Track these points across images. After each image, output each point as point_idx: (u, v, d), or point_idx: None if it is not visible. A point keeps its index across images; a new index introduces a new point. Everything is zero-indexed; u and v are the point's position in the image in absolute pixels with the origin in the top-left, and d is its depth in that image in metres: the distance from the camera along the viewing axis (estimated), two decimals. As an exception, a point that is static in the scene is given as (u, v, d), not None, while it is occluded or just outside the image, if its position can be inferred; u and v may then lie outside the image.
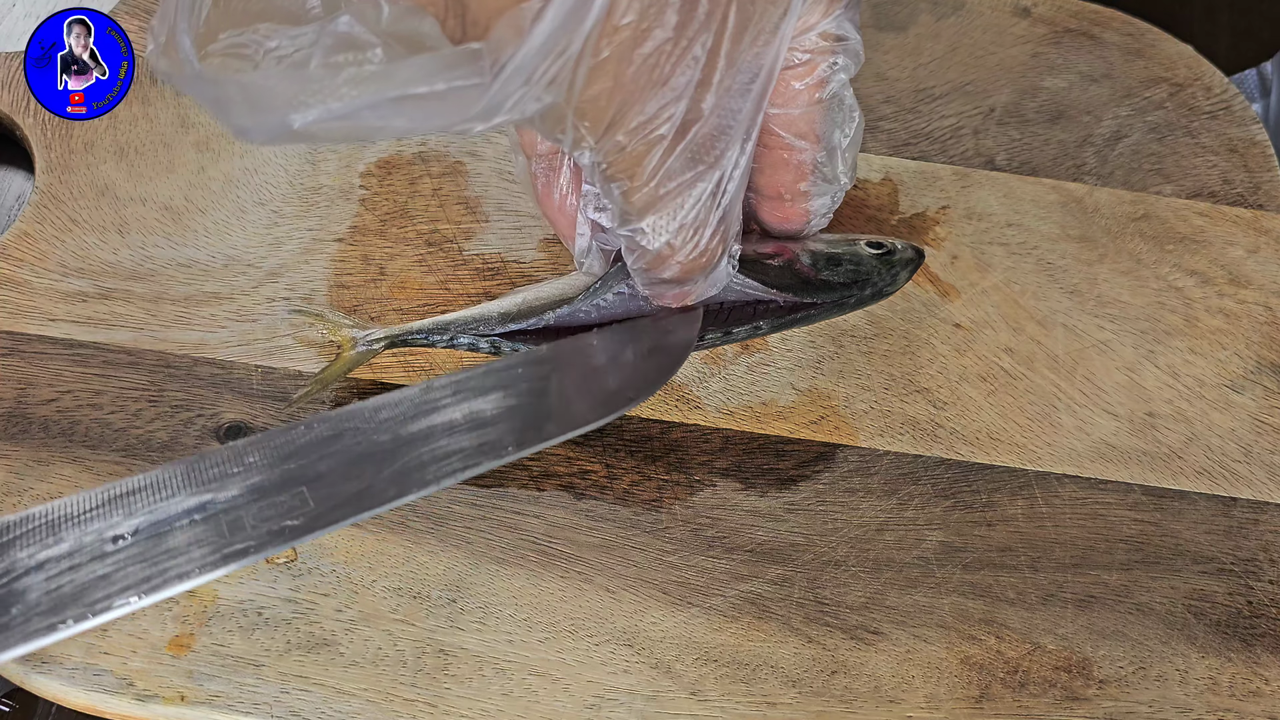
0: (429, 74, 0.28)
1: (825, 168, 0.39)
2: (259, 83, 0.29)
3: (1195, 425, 0.45)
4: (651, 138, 0.33)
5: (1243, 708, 0.39)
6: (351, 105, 0.28)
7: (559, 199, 0.40)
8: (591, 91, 0.31)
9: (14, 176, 0.51)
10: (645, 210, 0.35)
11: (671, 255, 0.37)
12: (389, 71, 0.28)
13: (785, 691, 0.39)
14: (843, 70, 0.37)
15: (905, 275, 0.44)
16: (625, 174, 0.34)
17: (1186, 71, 0.54)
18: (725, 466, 0.43)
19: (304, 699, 0.37)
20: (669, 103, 0.32)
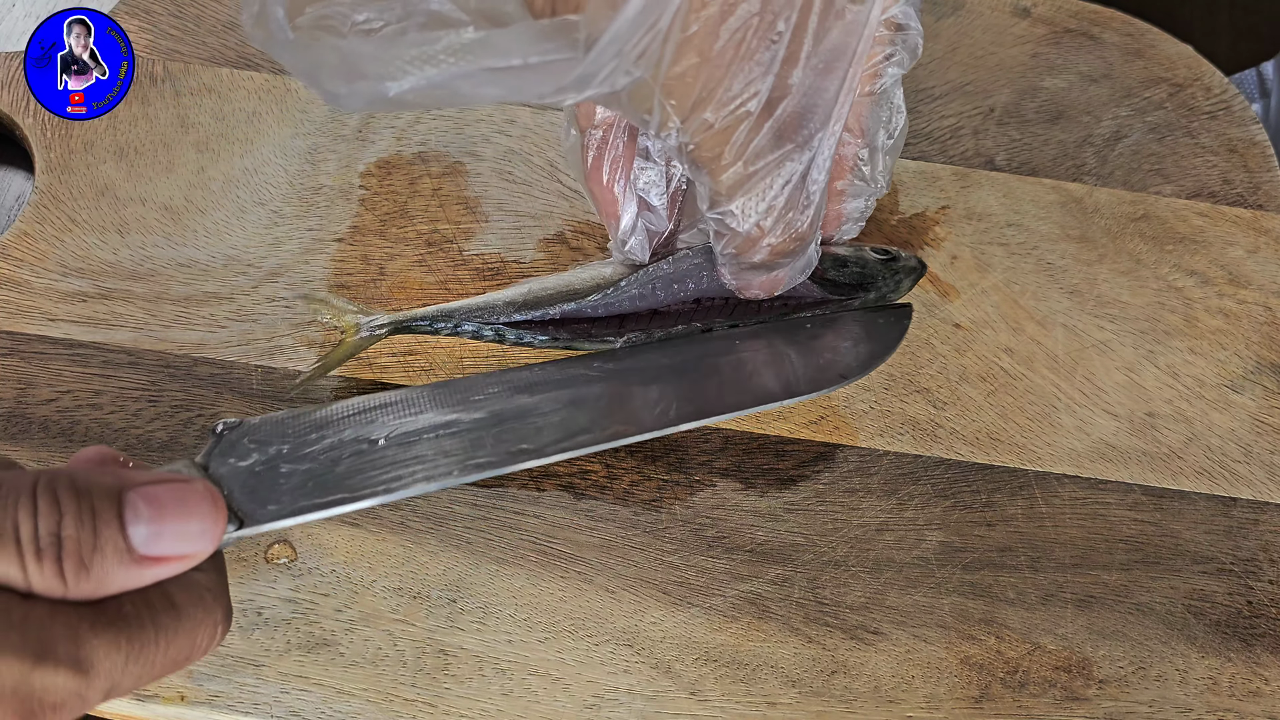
0: (525, 44, 0.28)
1: (865, 166, 0.39)
2: (356, 49, 0.29)
3: (1195, 425, 0.45)
4: (738, 113, 0.33)
5: (1243, 708, 0.39)
6: (448, 74, 0.29)
7: (607, 176, 0.39)
8: (679, 68, 0.31)
9: (14, 176, 0.51)
10: (734, 190, 0.35)
11: (761, 237, 0.36)
12: (486, 41, 0.29)
13: (785, 691, 0.39)
14: (897, 64, 0.37)
15: (908, 283, 0.44)
16: (713, 153, 0.34)
17: (1186, 72, 0.54)
18: (725, 466, 0.43)
19: (304, 699, 0.37)
20: (755, 78, 0.32)
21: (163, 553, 0.27)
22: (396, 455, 0.33)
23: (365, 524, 0.40)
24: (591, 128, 0.39)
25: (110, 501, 0.26)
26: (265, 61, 0.51)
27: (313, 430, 0.33)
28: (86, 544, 0.26)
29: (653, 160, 0.39)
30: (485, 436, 0.35)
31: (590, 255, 0.47)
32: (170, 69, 0.50)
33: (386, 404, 0.35)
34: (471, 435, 0.35)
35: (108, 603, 0.26)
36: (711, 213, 0.36)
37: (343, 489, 0.32)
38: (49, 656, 0.25)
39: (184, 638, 0.27)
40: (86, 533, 0.26)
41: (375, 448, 0.33)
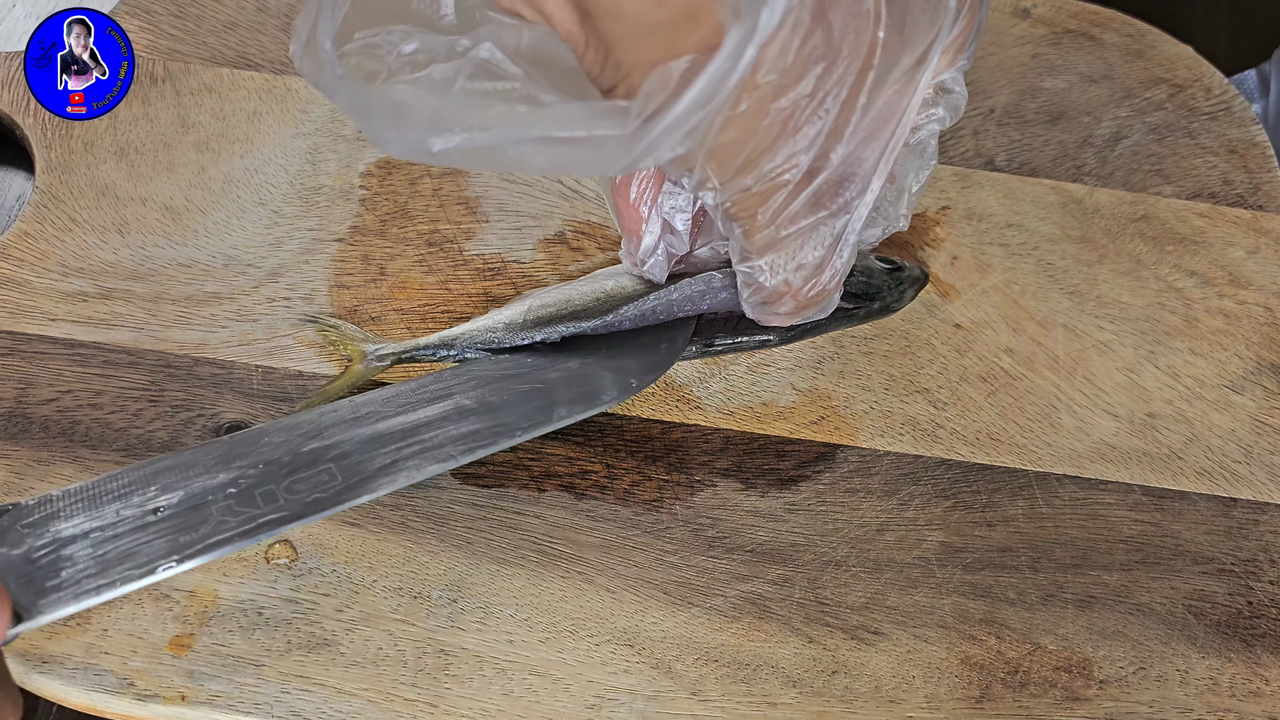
0: (577, 121, 0.28)
1: (891, 206, 0.39)
2: (406, 99, 0.29)
3: (1195, 426, 0.45)
4: (777, 182, 0.33)
5: (1243, 708, 0.39)
6: (496, 138, 0.29)
7: (636, 191, 0.39)
8: (725, 139, 0.31)
9: (14, 176, 0.51)
10: (765, 250, 0.35)
11: (787, 292, 0.37)
12: (536, 114, 0.29)
13: (786, 692, 0.39)
14: (938, 121, 0.37)
15: (911, 293, 0.44)
16: (748, 214, 0.34)
17: (1186, 72, 0.54)
18: (726, 467, 0.43)
19: (305, 699, 0.37)
20: (799, 151, 0.32)
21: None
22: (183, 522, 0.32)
23: (366, 524, 0.40)
24: None
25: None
26: (265, 61, 0.51)
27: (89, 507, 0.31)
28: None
29: (682, 186, 0.39)
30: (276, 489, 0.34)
31: (590, 255, 0.47)
32: (170, 69, 0.50)
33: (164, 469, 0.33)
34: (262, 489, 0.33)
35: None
36: (741, 265, 0.36)
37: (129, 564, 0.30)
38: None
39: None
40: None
41: (158, 517, 0.32)
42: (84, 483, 0.32)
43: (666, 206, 0.39)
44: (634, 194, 0.39)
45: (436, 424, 0.37)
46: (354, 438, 0.36)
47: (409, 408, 0.37)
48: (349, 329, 0.43)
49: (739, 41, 0.28)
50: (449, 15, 0.33)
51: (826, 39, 0.30)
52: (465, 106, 0.29)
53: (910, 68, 0.34)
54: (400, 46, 0.32)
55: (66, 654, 0.37)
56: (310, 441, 0.35)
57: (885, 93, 0.33)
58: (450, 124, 0.29)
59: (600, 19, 0.29)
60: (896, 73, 0.33)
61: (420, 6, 0.33)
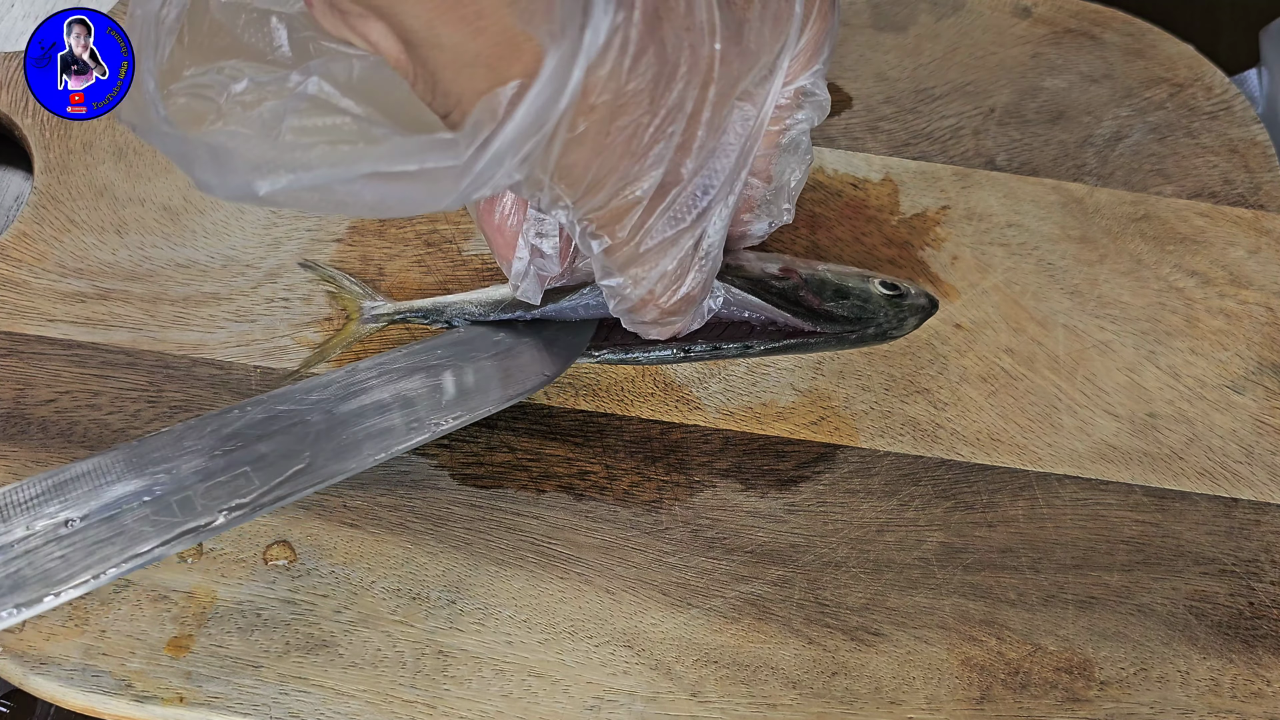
0: (405, 155, 0.28)
1: (771, 204, 0.40)
2: (226, 144, 0.29)
3: (1196, 426, 0.45)
4: (630, 199, 0.33)
5: (1244, 709, 0.39)
6: (322, 177, 0.28)
7: (499, 217, 0.39)
8: (568, 160, 0.31)
9: (13, 177, 0.51)
10: (626, 266, 0.35)
11: (652, 301, 0.37)
12: (363, 150, 0.28)
13: (786, 693, 0.39)
14: (806, 121, 0.38)
15: (914, 322, 0.43)
16: (606, 231, 0.34)
17: (1187, 71, 0.54)
18: (725, 467, 0.43)
19: (303, 700, 0.37)
20: (647, 168, 0.32)
21: None
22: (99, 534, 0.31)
23: (364, 525, 0.40)
24: None
25: None
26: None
27: None
28: None
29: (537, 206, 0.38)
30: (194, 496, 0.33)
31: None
32: (169, 69, 0.50)
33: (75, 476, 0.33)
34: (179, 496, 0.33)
35: None
36: (604, 281, 0.36)
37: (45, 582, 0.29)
38: None
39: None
40: None
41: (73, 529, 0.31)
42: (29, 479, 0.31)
43: (533, 233, 0.39)
44: (497, 218, 0.39)
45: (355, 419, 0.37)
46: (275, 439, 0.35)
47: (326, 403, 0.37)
48: (348, 282, 0.44)
49: (559, 64, 0.27)
50: (283, 47, 0.33)
51: (660, 56, 0.30)
52: (289, 147, 0.28)
53: (759, 78, 0.34)
54: (230, 86, 0.31)
55: (64, 655, 0.37)
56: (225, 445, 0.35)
57: (731, 104, 0.33)
58: (274, 166, 0.28)
59: (421, 48, 0.28)
60: (744, 84, 0.33)
61: (252, 40, 0.32)
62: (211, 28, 0.32)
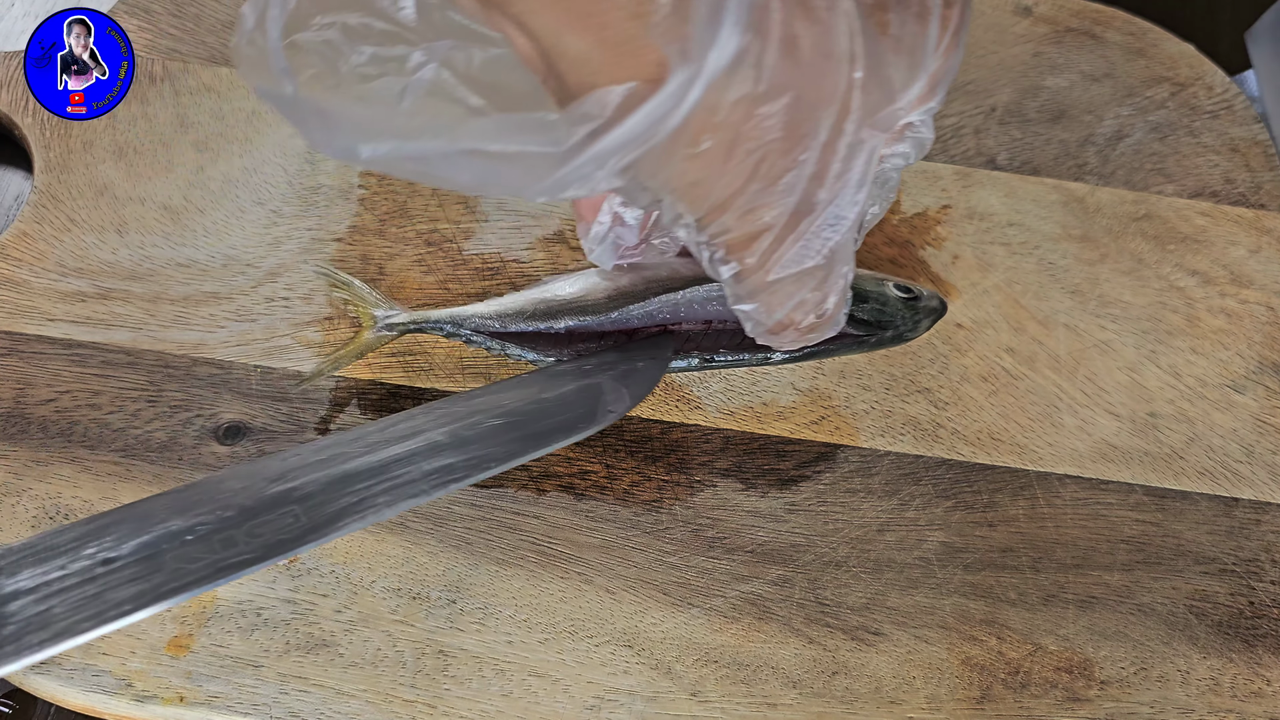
0: (504, 133, 0.28)
1: None
2: (334, 108, 0.29)
3: (1197, 425, 0.45)
4: (759, 225, 0.32)
5: (1244, 708, 0.39)
6: (423, 148, 0.28)
7: None
8: (690, 176, 0.30)
9: (13, 176, 0.50)
10: (757, 294, 0.34)
11: (790, 325, 0.36)
12: (465, 124, 0.28)
13: (786, 692, 0.39)
14: (902, 158, 0.36)
15: (927, 324, 0.44)
16: (735, 256, 0.33)
17: (1188, 71, 0.54)
18: (726, 467, 0.43)
19: (303, 700, 0.37)
20: (779, 195, 0.31)
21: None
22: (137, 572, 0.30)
23: (365, 524, 0.40)
24: None
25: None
26: (265, 61, 0.50)
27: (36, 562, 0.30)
28: None
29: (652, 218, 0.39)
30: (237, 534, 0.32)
31: (590, 255, 0.47)
32: (170, 68, 0.50)
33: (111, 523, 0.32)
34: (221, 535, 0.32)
35: None
36: (736, 306, 0.35)
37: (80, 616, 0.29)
38: None
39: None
40: None
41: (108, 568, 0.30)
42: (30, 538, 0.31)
43: (618, 200, 0.38)
44: None
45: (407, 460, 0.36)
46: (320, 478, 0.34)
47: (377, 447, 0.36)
48: (361, 289, 0.43)
49: (683, 83, 0.27)
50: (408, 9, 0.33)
51: (798, 82, 0.29)
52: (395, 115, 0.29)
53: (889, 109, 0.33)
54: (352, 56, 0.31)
55: (64, 654, 0.37)
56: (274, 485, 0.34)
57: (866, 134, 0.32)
58: (378, 132, 0.28)
59: (549, 53, 0.28)
60: (879, 115, 0.32)
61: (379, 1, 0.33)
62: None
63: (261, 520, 0.32)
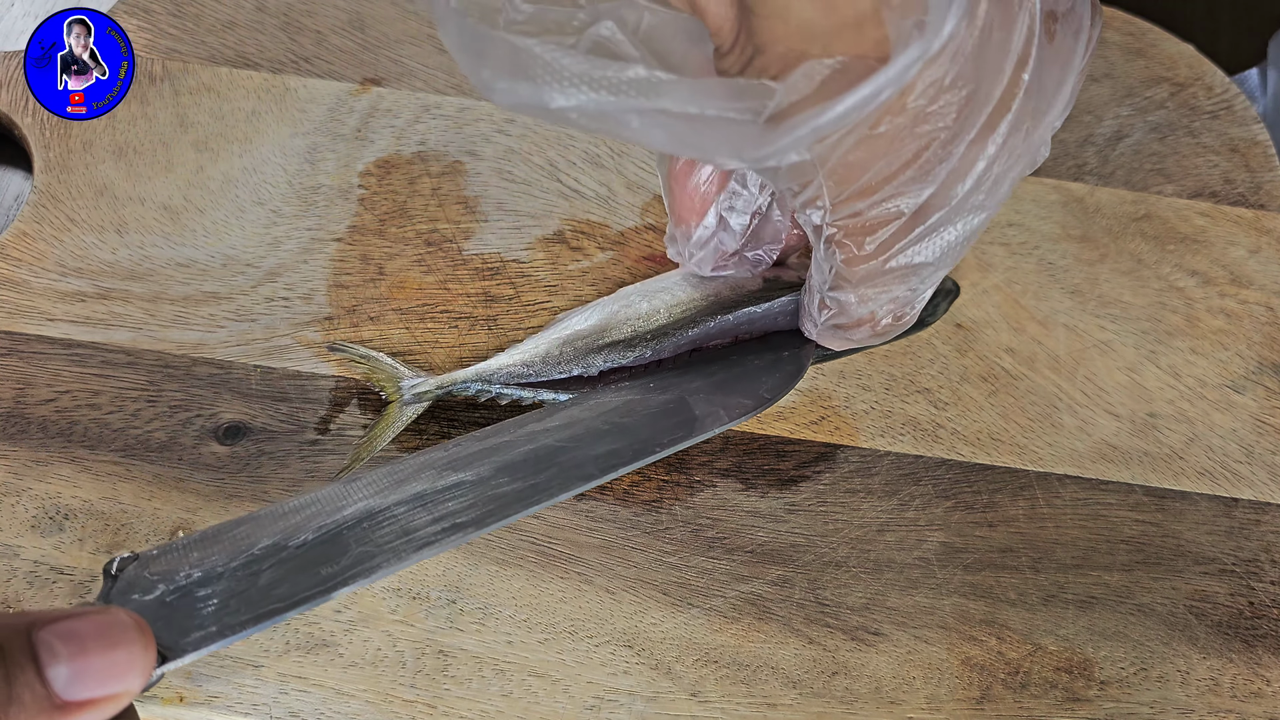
0: (708, 97, 0.27)
1: None
2: (530, 48, 0.27)
3: (1197, 426, 0.45)
4: (890, 212, 0.31)
5: (1244, 709, 0.39)
6: (623, 105, 0.27)
7: (695, 181, 0.37)
8: (851, 158, 0.29)
9: (12, 176, 0.50)
10: (863, 282, 0.34)
11: (870, 321, 0.35)
12: (671, 84, 0.27)
13: (786, 693, 0.39)
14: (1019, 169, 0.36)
15: (944, 306, 0.44)
16: (854, 241, 0.32)
17: (1188, 71, 0.54)
18: (725, 467, 0.43)
19: (303, 700, 0.37)
20: (925, 184, 0.31)
21: (89, 695, 0.23)
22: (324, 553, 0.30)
23: (364, 524, 0.40)
24: None
25: (21, 643, 0.23)
26: (264, 61, 0.50)
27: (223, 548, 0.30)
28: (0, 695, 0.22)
29: (748, 188, 0.38)
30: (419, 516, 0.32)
31: (589, 255, 0.47)
32: (169, 68, 0.50)
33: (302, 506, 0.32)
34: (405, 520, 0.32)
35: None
36: (831, 293, 0.35)
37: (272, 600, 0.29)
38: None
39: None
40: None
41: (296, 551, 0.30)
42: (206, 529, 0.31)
43: (727, 204, 0.38)
44: (693, 181, 0.37)
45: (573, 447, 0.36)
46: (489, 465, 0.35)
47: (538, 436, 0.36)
48: (382, 362, 0.41)
49: (912, 61, 0.26)
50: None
51: (977, 73, 0.29)
52: (596, 65, 0.27)
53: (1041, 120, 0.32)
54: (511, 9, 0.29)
55: (64, 655, 0.37)
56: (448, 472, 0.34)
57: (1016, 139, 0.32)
58: (578, 79, 0.27)
59: (763, 18, 0.27)
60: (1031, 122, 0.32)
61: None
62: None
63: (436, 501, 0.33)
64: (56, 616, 0.24)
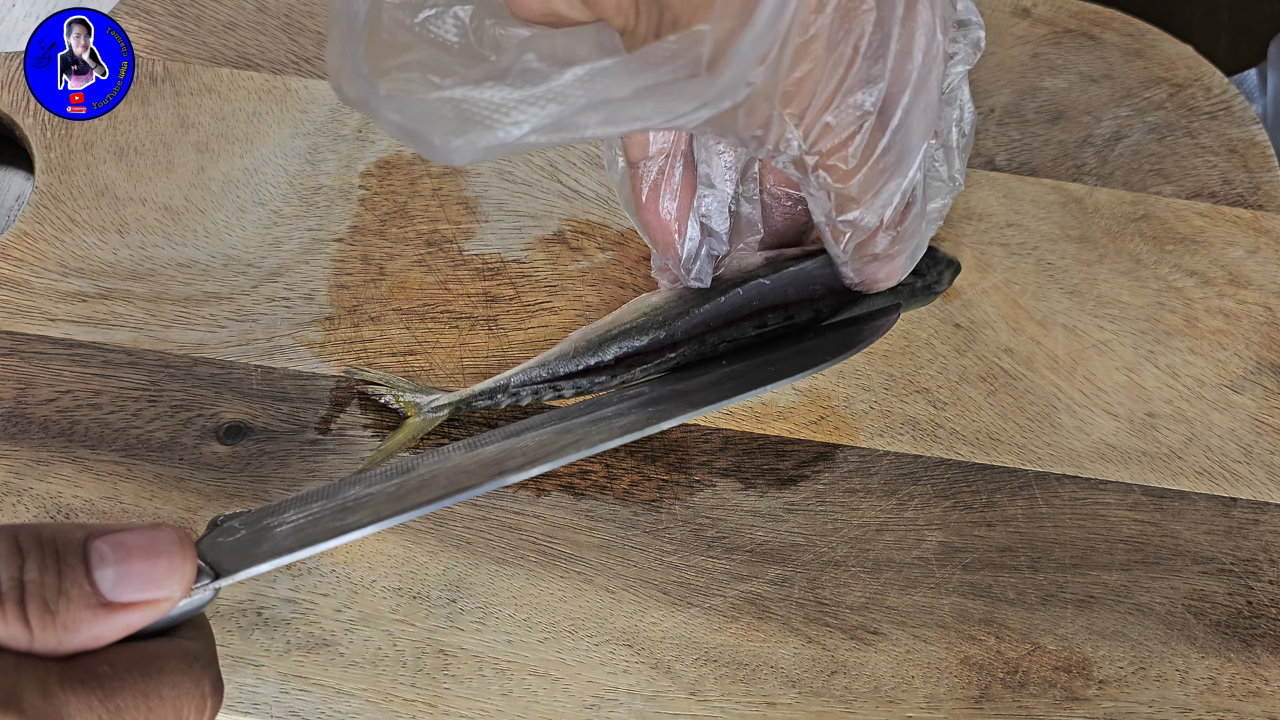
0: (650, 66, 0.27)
1: (941, 165, 0.39)
2: (469, 95, 0.28)
3: (1195, 425, 0.45)
4: (859, 113, 0.32)
5: (1243, 708, 0.39)
6: (572, 107, 0.28)
7: (663, 206, 0.39)
8: (797, 73, 0.30)
9: (14, 176, 0.51)
10: (864, 192, 0.34)
11: (883, 227, 0.36)
12: (609, 68, 0.27)
13: (785, 692, 0.39)
14: (964, 61, 0.37)
15: (949, 276, 0.44)
16: (839, 158, 0.33)
17: (1186, 72, 0.54)
18: (725, 466, 0.43)
19: (303, 699, 0.37)
20: (875, 77, 0.31)
21: (131, 597, 0.26)
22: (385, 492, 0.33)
23: (365, 524, 0.40)
24: (646, 160, 0.38)
25: (74, 547, 0.26)
26: (265, 61, 0.51)
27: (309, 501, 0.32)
28: (51, 588, 0.25)
29: (714, 187, 0.39)
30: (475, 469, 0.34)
31: (589, 255, 0.47)
32: (170, 69, 0.50)
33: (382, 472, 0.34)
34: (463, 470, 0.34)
35: (82, 660, 0.25)
36: (840, 217, 0.35)
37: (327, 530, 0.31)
38: (13, 707, 0.24)
39: (167, 706, 0.26)
40: (50, 577, 0.25)
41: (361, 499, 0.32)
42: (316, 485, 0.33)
43: (704, 209, 0.39)
44: (663, 205, 0.39)
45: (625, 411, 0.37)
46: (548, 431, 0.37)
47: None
48: (397, 381, 0.42)
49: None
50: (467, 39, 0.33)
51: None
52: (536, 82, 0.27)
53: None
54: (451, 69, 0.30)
55: (66, 654, 0.37)
56: None
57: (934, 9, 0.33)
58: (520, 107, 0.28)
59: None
60: None
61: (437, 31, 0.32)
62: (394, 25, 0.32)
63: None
64: (110, 528, 0.27)
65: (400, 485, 0.33)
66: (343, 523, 0.31)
